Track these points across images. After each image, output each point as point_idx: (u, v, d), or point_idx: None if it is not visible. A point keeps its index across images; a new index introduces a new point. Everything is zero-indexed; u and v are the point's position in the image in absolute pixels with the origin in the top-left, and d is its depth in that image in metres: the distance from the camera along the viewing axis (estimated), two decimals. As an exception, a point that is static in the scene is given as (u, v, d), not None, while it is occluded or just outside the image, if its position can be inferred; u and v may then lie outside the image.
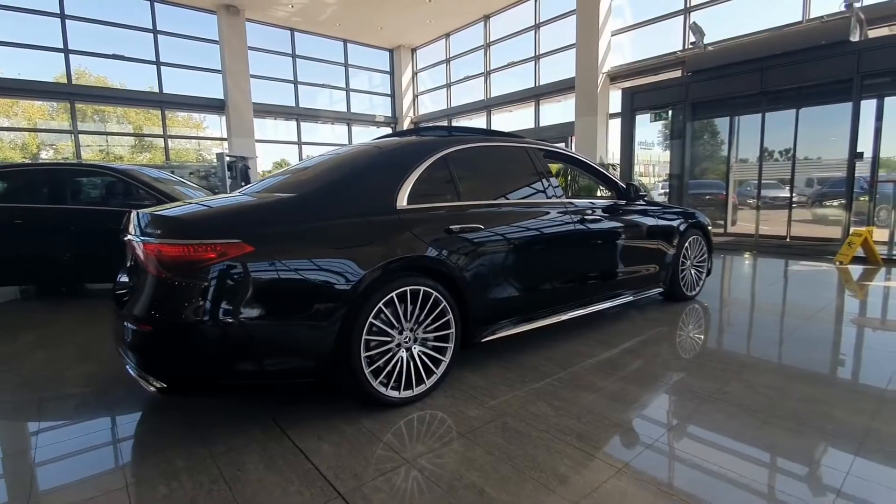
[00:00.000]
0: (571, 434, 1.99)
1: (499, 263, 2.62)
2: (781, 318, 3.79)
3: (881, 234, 6.58)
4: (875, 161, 6.78)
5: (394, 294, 2.15)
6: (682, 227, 3.92)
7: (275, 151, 15.33)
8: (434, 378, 2.33)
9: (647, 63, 10.05)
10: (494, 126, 14.35)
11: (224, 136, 13.37)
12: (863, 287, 4.98)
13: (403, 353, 2.23)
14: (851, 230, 6.63)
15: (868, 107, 6.70)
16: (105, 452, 1.97)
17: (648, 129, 9.61)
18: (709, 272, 4.39)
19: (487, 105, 14.19)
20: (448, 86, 15.63)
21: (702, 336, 3.41)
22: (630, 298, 3.56)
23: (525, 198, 2.92)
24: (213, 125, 14.14)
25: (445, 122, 15.86)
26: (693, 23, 8.00)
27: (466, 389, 2.44)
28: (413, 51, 16.60)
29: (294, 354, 1.98)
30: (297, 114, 14.77)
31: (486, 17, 13.68)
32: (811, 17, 7.94)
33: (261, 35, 13.63)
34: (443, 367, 2.37)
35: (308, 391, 2.43)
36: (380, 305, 2.10)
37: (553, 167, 3.45)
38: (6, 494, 1.70)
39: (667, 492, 1.60)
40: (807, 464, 1.77)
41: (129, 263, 2.31)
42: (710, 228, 4.35)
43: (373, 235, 2.15)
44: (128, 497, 1.64)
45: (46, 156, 12.32)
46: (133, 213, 2.18)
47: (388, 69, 16.68)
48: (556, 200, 3.01)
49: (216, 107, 13.07)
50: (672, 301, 4.13)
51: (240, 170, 11.19)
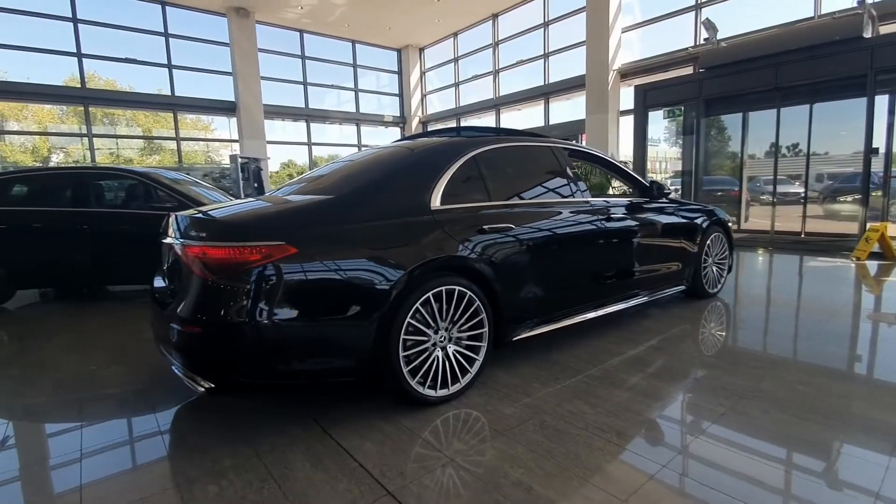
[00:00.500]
0: (611, 431, 2.00)
1: (530, 262, 2.64)
2: (806, 315, 3.78)
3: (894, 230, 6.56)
4: (888, 156, 6.74)
5: (430, 294, 2.17)
6: (705, 225, 3.92)
7: (282, 153, 15.43)
8: (468, 377, 2.36)
9: (658, 60, 10.00)
10: (503, 125, 14.35)
11: (235, 138, 13.46)
12: (882, 282, 4.95)
13: (439, 353, 2.25)
14: (868, 226, 6.59)
15: (882, 102, 6.66)
16: (150, 452, 2.00)
17: (655, 126, 9.58)
18: (730, 269, 4.38)
19: (496, 104, 14.18)
20: (456, 85, 15.64)
21: (728, 333, 3.41)
22: (655, 296, 3.57)
23: (553, 197, 2.93)
24: (221, 127, 14.25)
25: (454, 122, 15.87)
26: (706, 19, 7.95)
27: (500, 388, 2.46)
28: (421, 50, 16.61)
29: (336, 354, 2.01)
30: (307, 115, 14.84)
31: (495, 16, 13.67)
32: (822, 14, 7.88)
33: (270, 37, 13.72)
34: (477, 366, 2.39)
35: (341, 390, 2.46)
36: (417, 305, 2.13)
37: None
38: (57, 497, 1.74)
39: (711, 489, 1.61)
40: (849, 462, 1.77)
41: (167, 266, 2.35)
42: (731, 225, 4.34)
43: (409, 236, 2.17)
44: (180, 496, 1.68)
45: (57, 159, 12.46)
46: (173, 216, 2.22)
47: (397, 69, 16.71)
48: (583, 199, 3.02)
49: (227, 109, 13.16)
50: (694, 298, 4.13)
51: (252, 171, 11.26)
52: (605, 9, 10.23)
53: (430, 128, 16.56)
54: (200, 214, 2.18)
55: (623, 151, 10.67)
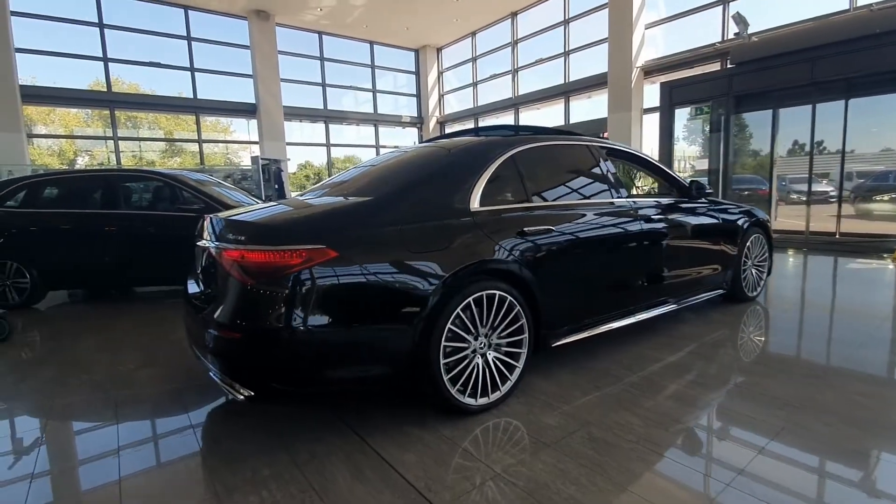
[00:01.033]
0: (663, 445, 1.90)
1: (569, 266, 2.54)
2: (853, 320, 3.59)
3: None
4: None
5: (471, 299, 2.09)
6: (745, 226, 3.77)
7: (300, 154, 15.50)
8: (508, 385, 2.27)
9: (684, 56, 9.77)
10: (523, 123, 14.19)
11: (255, 140, 13.58)
12: (933, 286, 4.71)
13: (479, 360, 2.18)
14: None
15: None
16: (186, 456, 1.96)
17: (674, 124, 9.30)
18: (769, 272, 4.21)
19: (515, 103, 14.04)
20: (474, 84, 15.54)
21: (772, 339, 3.26)
22: (695, 300, 3.44)
23: (592, 197, 2.83)
24: (240, 129, 14.39)
25: (471, 122, 15.78)
26: (736, 13, 7.72)
27: (540, 396, 2.37)
28: (438, 50, 16.56)
29: (376, 361, 1.95)
30: (326, 116, 14.90)
31: (514, 14, 13.54)
32: (858, 6, 7.59)
33: (290, 39, 13.80)
34: (517, 374, 2.30)
35: (371, 396, 2.39)
36: (458, 311, 2.05)
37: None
38: None
39: (785, 511, 1.50)
40: (932, 481, 1.64)
41: (201, 269, 2.32)
42: (771, 226, 4.17)
43: (450, 238, 2.10)
44: (221, 506, 1.63)
45: (83, 162, 12.74)
46: (207, 219, 2.18)
47: (414, 69, 16.69)
48: (624, 199, 2.91)
49: (248, 111, 13.28)
50: (732, 302, 3.97)
51: (273, 172, 11.34)
52: (629, 5, 10.03)
53: (448, 128, 16.51)
54: (238, 217, 2.14)
55: (647, 151, 10.46)
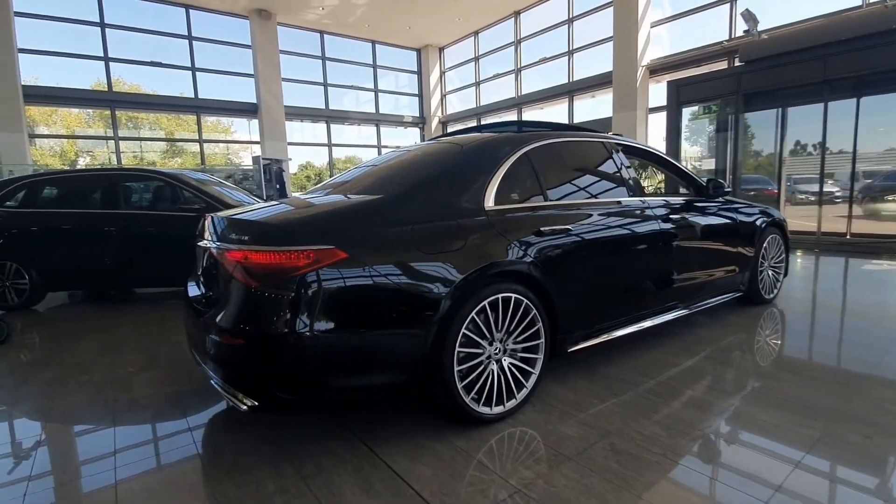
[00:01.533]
0: (691, 458, 1.79)
1: (587, 267, 2.44)
2: (876, 323, 3.48)
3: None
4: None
5: (486, 302, 1.99)
6: (763, 226, 3.66)
7: (301, 154, 15.41)
8: (524, 392, 2.17)
9: (690, 55, 9.66)
10: (525, 124, 14.05)
11: (256, 140, 13.49)
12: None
13: (494, 366, 2.07)
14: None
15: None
16: (190, 469, 1.86)
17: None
18: (786, 273, 4.10)
19: (518, 103, 13.94)
20: (477, 84, 15.45)
21: (794, 344, 3.15)
22: (713, 302, 3.33)
23: (610, 196, 2.72)
24: (241, 129, 14.31)
25: (474, 122, 15.68)
26: (746, 10, 7.60)
27: (556, 404, 2.26)
28: (441, 50, 16.46)
29: (388, 369, 1.84)
30: (327, 116, 14.81)
31: (517, 14, 13.44)
32: (871, 2, 7.47)
33: (291, 38, 13.72)
34: (533, 380, 2.19)
35: (382, 405, 2.29)
36: (472, 315, 1.94)
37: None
38: (96, 518, 1.61)
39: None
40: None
41: (202, 270, 2.22)
42: (787, 226, 4.06)
43: (464, 238, 1.99)
44: (223, 524, 1.53)
45: (84, 162, 12.67)
46: (209, 218, 2.08)
47: (416, 69, 16.59)
48: (640, 199, 2.81)
49: (249, 111, 13.20)
50: (748, 305, 3.86)
51: (274, 172, 11.25)
52: (634, 3, 9.93)
53: (450, 129, 16.41)
54: (241, 216, 2.04)
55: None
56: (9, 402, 2.57)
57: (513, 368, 2.14)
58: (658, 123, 10.31)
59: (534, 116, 14.08)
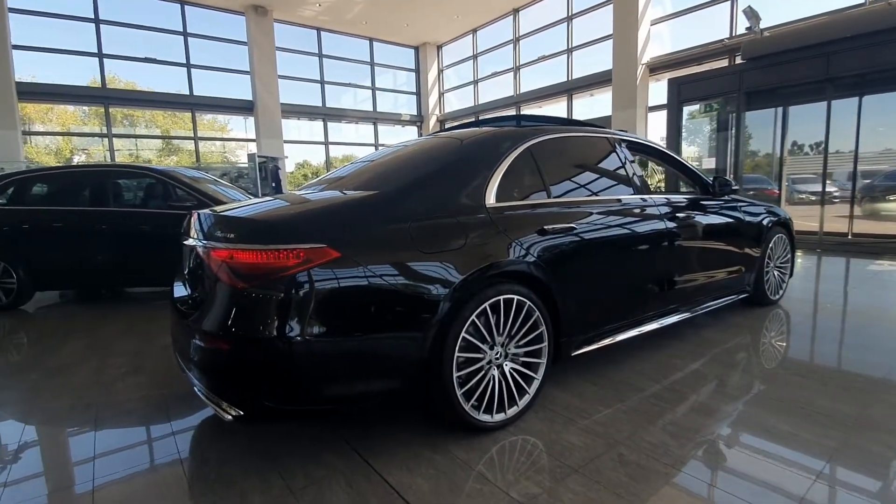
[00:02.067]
0: (705, 470, 1.69)
1: (591, 268, 2.34)
2: (886, 326, 3.39)
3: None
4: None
5: (487, 304, 1.88)
6: (769, 225, 3.56)
7: (298, 153, 15.25)
8: (526, 398, 2.06)
9: (691, 52, 9.57)
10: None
11: (252, 138, 13.35)
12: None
13: (495, 372, 1.97)
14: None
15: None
16: (172, 479, 1.75)
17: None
18: (791, 273, 4.00)
19: (517, 101, 13.84)
20: (475, 82, 15.34)
21: (804, 347, 3.05)
22: (720, 303, 3.24)
23: (614, 194, 2.61)
24: (238, 127, 14.16)
25: (473, 120, 15.56)
26: (748, 7, 7.51)
27: (560, 410, 2.16)
28: (439, 48, 16.35)
29: (382, 375, 1.74)
30: (324, 114, 14.68)
31: (516, 11, 13.33)
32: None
33: (288, 35, 13.58)
34: (535, 386, 2.09)
35: (377, 412, 2.18)
36: (473, 317, 1.84)
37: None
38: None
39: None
40: None
41: (188, 270, 2.11)
42: (793, 226, 3.96)
43: (464, 237, 1.88)
44: (205, 543, 1.42)
45: (79, 160, 12.51)
46: (195, 215, 1.97)
47: (414, 67, 16.47)
48: (648, 197, 2.71)
49: (245, 108, 13.06)
50: (753, 306, 3.76)
51: (270, 170, 11.12)
52: (634, 1, 9.82)
53: (448, 126, 16.28)
54: (228, 212, 1.92)
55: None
56: (-14, 408, 2.45)
57: (514, 373, 2.03)
58: (657, 122, 10.23)
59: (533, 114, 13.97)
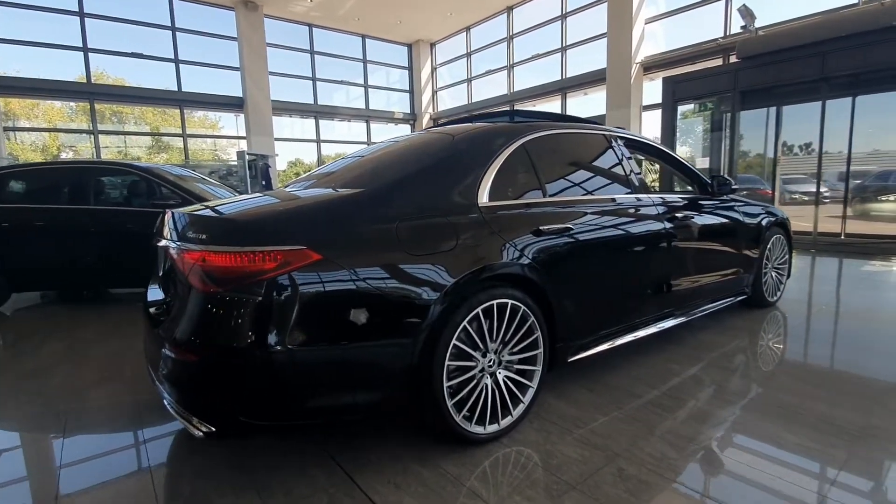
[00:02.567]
0: (711, 484, 1.61)
1: (590, 269, 2.24)
2: (888, 329, 3.33)
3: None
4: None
5: (479, 309, 1.78)
6: (767, 225, 3.49)
7: (290, 151, 15.05)
8: (521, 408, 1.96)
9: (685, 51, 9.52)
10: (518, 121, 13.88)
11: (242, 135, 13.14)
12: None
13: (488, 380, 1.86)
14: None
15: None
16: (140, 493, 1.62)
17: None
18: (788, 275, 3.94)
19: (510, 100, 13.74)
20: (469, 80, 15.22)
21: (804, 351, 2.98)
22: (718, 305, 3.16)
23: (613, 193, 2.52)
24: (229, 125, 13.93)
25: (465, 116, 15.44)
26: (743, 5, 7.47)
27: (556, 420, 2.06)
28: (432, 45, 16.21)
29: (368, 386, 1.62)
30: (316, 111, 14.48)
31: (510, 9, 13.23)
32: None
33: (279, 31, 13.37)
34: (530, 395, 1.99)
35: (362, 423, 2.07)
36: (464, 323, 1.74)
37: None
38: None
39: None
40: None
41: (162, 273, 1.98)
42: (790, 226, 3.90)
43: (455, 237, 1.77)
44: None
45: (66, 157, 12.23)
46: (168, 214, 1.85)
47: (407, 65, 16.32)
48: (646, 196, 2.62)
49: (235, 105, 12.84)
50: (751, 308, 3.69)
51: (259, 168, 10.94)
52: (629, -1, 9.77)
53: (441, 123, 16.16)
54: (202, 211, 1.80)
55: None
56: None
57: (508, 382, 1.93)
58: (651, 121, 10.19)
59: (526, 114, 13.88)
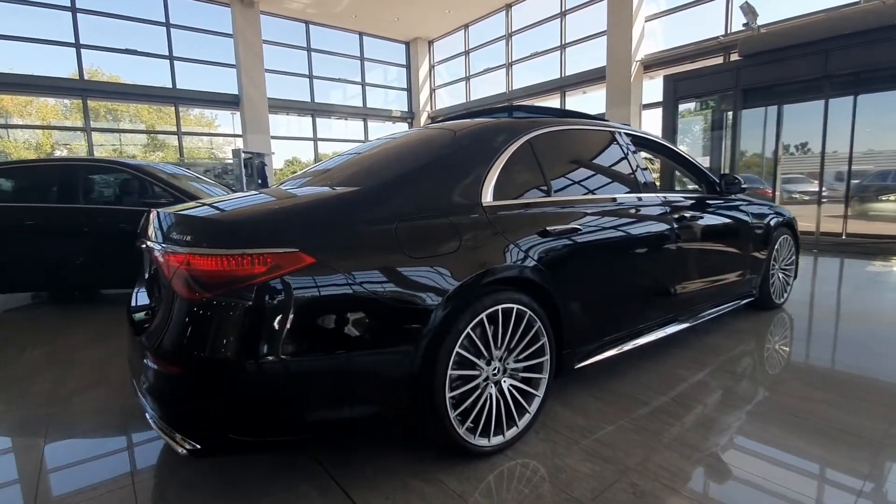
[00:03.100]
0: (728, 499, 1.51)
1: (598, 272, 2.15)
2: None
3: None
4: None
5: (483, 315, 1.68)
6: (774, 226, 3.41)
7: (286, 149, 14.91)
8: (527, 418, 1.86)
9: (686, 50, 9.45)
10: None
11: (238, 133, 12.99)
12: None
13: (492, 390, 1.76)
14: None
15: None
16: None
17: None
18: (795, 276, 3.86)
19: (509, 98, 13.63)
20: (467, 79, 15.12)
21: (815, 355, 2.90)
22: (726, 308, 3.07)
23: (622, 192, 2.43)
24: (226, 123, 13.77)
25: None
26: (745, 3, 7.39)
27: (562, 429, 1.97)
28: (430, 43, 16.09)
29: (365, 399, 1.52)
30: (313, 109, 14.34)
31: (508, 6, 13.12)
32: (868, -3, 7.32)
33: (275, 28, 13.22)
34: (536, 404, 1.89)
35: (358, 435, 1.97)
36: (468, 330, 1.64)
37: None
38: None
39: None
40: None
41: (148, 277, 1.88)
42: (797, 226, 3.82)
43: (457, 239, 1.67)
44: None
45: (60, 155, 12.06)
46: (153, 214, 1.74)
47: (405, 62, 16.20)
48: (655, 195, 2.52)
49: (231, 102, 12.68)
50: (758, 310, 3.61)
51: (255, 167, 10.80)
52: (629, -4, 9.68)
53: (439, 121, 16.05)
54: (188, 210, 1.69)
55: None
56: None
57: (513, 391, 1.83)
58: (651, 120, 10.12)
59: (525, 112, 13.78)
